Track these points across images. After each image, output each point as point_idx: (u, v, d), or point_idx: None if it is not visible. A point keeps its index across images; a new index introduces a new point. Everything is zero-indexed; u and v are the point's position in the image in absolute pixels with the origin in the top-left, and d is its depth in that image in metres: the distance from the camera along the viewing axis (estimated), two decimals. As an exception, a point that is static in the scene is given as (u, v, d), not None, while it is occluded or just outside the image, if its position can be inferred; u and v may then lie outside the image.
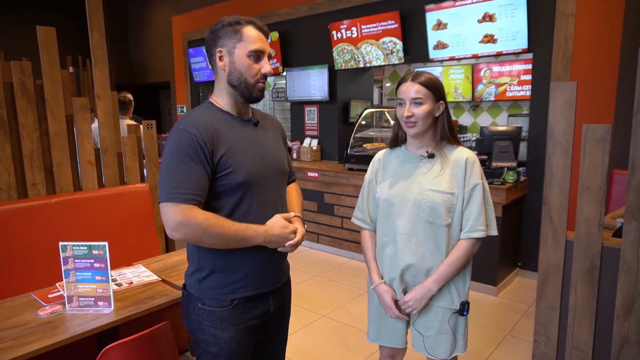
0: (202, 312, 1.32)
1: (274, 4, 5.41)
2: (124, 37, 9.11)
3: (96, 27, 2.60)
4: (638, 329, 1.66)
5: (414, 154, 1.56)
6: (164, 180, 1.22)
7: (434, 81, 1.49)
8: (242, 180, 1.28)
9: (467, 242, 1.51)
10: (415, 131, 1.49)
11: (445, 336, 1.54)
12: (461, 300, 1.55)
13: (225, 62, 1.31)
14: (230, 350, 1.33)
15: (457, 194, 1.48)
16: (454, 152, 1.53)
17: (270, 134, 1.45)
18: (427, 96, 1.46)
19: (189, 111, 1.33)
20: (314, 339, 2.83)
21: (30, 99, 2.37)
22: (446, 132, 1.52)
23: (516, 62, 5.20)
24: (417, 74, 1.48)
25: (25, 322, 1.58)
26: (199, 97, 7.03)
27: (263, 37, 1.32)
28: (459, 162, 1.50)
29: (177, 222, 1.18)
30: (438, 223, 1.48)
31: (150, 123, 2.95)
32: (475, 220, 1.48)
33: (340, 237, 4.47)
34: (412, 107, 1.46)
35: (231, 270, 1.32)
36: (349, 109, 5.10)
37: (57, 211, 2.32)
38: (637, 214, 1.63)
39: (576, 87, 1.71)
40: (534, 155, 3.72)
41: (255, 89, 1.32)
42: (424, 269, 1.52)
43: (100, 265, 1.66)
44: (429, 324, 1.56)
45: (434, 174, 1.50)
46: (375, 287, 1.61)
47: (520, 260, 3.86)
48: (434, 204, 1.47)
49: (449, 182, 1.48)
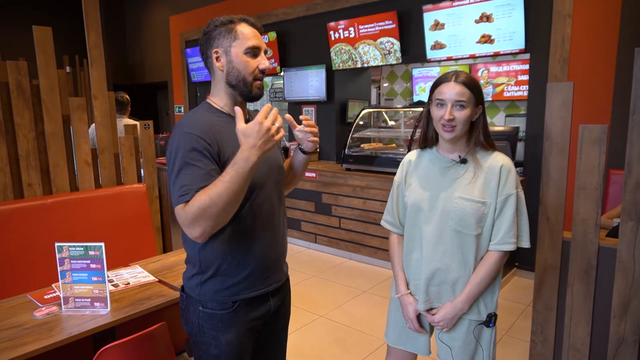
0: (203, 314, 1.31)
1: (272, 4, 5.41)
2: (121, 37, 9.09)
3: (93, 27, 2.59)
4: (634, 329, 1.67)
5: (445, 157, 1.48)
6: (174, 185, 1.19)
7: (477, 83, 1.40)
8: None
9: (496, 255, 1.43)
10: (452, 136, 1.39)
11: (469, 347, 1.49)
12: (488, 312, 1.49)
13: (223, 62, 1.30)
14: (231, 351, 1.33)
15: (490, 203, 1.40)
16: (488, 158, 1.44)
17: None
18: (469, 99, 1.37)
19: (188, 113, 1.31)
20: (312, 340, 2.82)
21: (26, 99, 2.36)
22: (481, 137, 1.43)
23: (513, 62, 5.21)
24: (458, 74, 1.39)
25: (21, 323, 1.58)
26: (197, 97, 7.02)
27: (257, 33, 1.31)
28: (494, 169, 1.41)
29: (189, 220, 1.14)
30: (467, 233, 1.41)
31: (147, 123, 2.95)
32: (507, 233, 1.40)
33: (337, 237, 4.47)
34: (455, 110, 1.37)
35: (234, 272, 1.31)
36: (347, 109, 5.10)
37: (54, 212, 2.32)
38: (634, 214, 1.64)
39: (572, 88, 1.71)
40: (531, 155, 3.72)
41: (254, 86, 1.30)
42: (449, 280, 1.45)
43: (97, 266, 1.65)
44: (454, 335, 1.50)
45: (465, 180, 1.42)
46: (401, 297, 1.56)
47: (518, 260, 3.87)
48: (463, 213, 1.39)
49: (481, 191, 1.40)
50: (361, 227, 4.21)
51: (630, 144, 1.63)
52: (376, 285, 3.70)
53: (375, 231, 4.10)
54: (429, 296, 1.49)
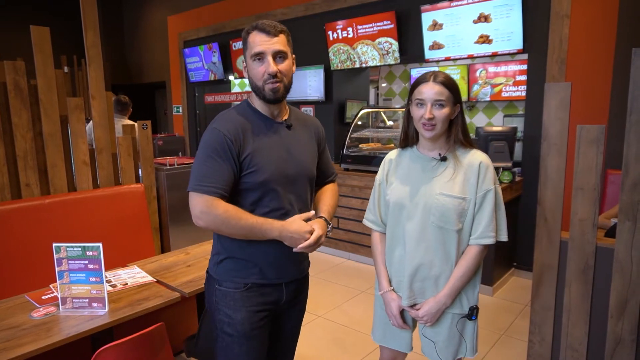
0: (219, 293, 1.41)
1: (270, 4, 5.40)
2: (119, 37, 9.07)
3: (91, 26, 2.58)
4: (632, 329, 1.67)
5: (425, 156, 1.52)
6: (193, 173, 1.33)
7: (454, 82, 1.45)
8: (262, 180, 1.35)
9: (476, 249, 1.47)
10: (433, 134, 1.44)
11: (453, 340, 1.53)
12: (470, 305, 1.52)
13: (246, 71, 1.41)
14: (243, 331, 1.39)
15: (470, 198, 1.45)
16: (467, 155, 1.49)
17: (302, 136, 1.49)
18: (448, 98, 1.42)
19: (226, 110, 1.43)
20: (310, 340, 2.82)
21: (24, 99, 2.36)
22: (460, 135, 1.48)
23: (511, 62, 5.22)
24: (437, 74, 1.43)
25: (19, 324, 1.57)
26: (195, 97, 7.01)
27: (266, 37, 1.33)
28: (472, 166, 1.46)
29: (200, 210, 1.29)
30: (448, 228, 1.45)
31: (145, 123, 2.94)
32: (486, 227, 1.45)
33: (336, 237, 4.47)
34: (434, 110, 1.41)
35: (246, 260, 1.39)
36: (345, 109, 5.10)
37: (51, 212, 2.31)
38: (631, 214, 1.64)
39: (570, 88, 1.72)
40: (529, 156, 3.73)
41: (265, 90, 1.36)
42: (433, 275, 1.49)
43: (95, 266, 1.65)
44: (438, 329, 1.54)
45: (446, 177, 1.46)
46: (384, 294, 1.60)
47: (516, 260, 3.87)
48: (444, 208, 1.44)
49: (461, 187, 1.45)
50: (360, 227, 4.21)
51: (627, 145, 1.63)
52: (375, 285, 3.69)
53: (373, 231, 4.10)
54: (413, 292, 1.53)
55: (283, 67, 1.36)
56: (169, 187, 3.20)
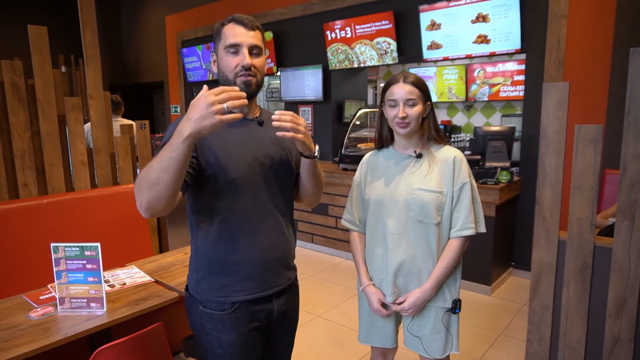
0: (204, 314, 1.32)
1: (268, 3, 5.40)
2: (117, 37, 9.06)
3: (88, 26, 2.58)
4: (630, 328, 1.67)
5: (402, 154, 1.58)
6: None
7: (423, 82, 1.52)
8: (233, 178, 1.26)
9: (458, 241, 1.53)
10: (407, 131, 1.50)
11: (439, 335, 1.56)
12: (453, 298, 1.56)
13: (216, 64, 1.34)
14: (234, 352, 1.32)
15: (446, 192, 1.50)
16: (441, 151, 1.55)
17: (273, 134, 1.39)
18: (419, 97, 1.48)
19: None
20: (309, 340, 2.82)
21: (21, 99, 2.35)
22: (432, 132, 1.54)
23: (509, 62, 5.23)
24: (406, 75, 1.50)
25: (17, 324, 1.57)
26: (193, 97, 6.99)
27: (243, 30, 1.28)
28: (447, 160, 1.52)
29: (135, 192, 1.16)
30: (428, 222, 1.50)
31: (143, 123, 2.94)
32: (465, 219, 1.50)
33: (334, 237, 4.47)
34: (406, 108, 1.47)
35: (227, 272, 1.29)
36: (343, 109, 5.10)
37: (49, 212, 2.30)
38: (629, 214, 1.64)
39: (568, 88, 1.72)
40: (527, 155, 3.74)
41: (237, 83, 1.27)
42: (415, 269, 1.53)
43: (93, 266, 1.64)
44: (422, 323, 1.58)
45: (422, 173, 1.52)
46: (364, 289, 1.63)
47: (514, 259, 3.88)
48: (423, 202, 1.48)
49: (438, 181, 1.50)
50: (358, 227, 4.21)
51: (625, 144, 1.63)
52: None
53: (372, 231, 4.10)
54: (397, 287, 1.56)
55: (258, 62, 1.29)
56: (167, 187, 3.18)
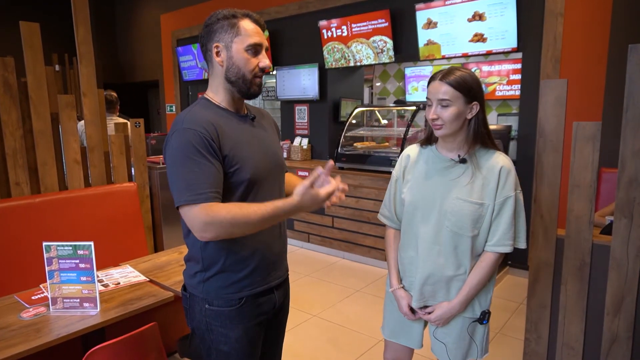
0: (210, 312, 1.30)
1: (264, 2, 5.38)
2: (112, 36, 9.00)
3: (82, 23, 2.55)
4: (627, 326, 1.67)
5: (444, 156, 1.46)
6: (178, 183, 1.16)
7: (466, 81, 1.36)
8: (249, 176, 1.25)
9: (492, 256, 1.43)
10: (442, 133, 1.40)
11: (463, 342, 1.51)
12: (482, 310, 1.50)
13: (223, 57, 1.27)
14: (241, 347, 1.33)
15: (487, 204, 1.39)
16: (488, 158, 1.42)
17: (266, 129, 1.43)
18: (455, 97, 1.35)
19: (185, 110, 1.27)
20: (305, 339, 2.81)
21: (13, 96, 2.32)
22: (480, 135, 1.41)
23: (505, 61, 5.23)
24: (447, 72, 1.37)
25: (8, 325, 1.54)
26: (188, 95, 6.96)
27: (260, 30, 1.29)
28: (493, 170, 1.40)
29: (202, 222, 1.13)
30: (463, 234, 1.41)
31: (137, 121, 2.91)
32: (504, 234, 1.40)
33: (331, 236, 4.46)
34: (439, 109, 1.37)
35: (237, 268, 1.31)
36: (340, 108, 5.08)
37: (42, 211, 2.28)
38: (627, 212, 1.64)
39: (566, 85, 1.71)
40: (523, 154, 3.74)
41: (253, 84, 1.28)
42: (444, 278, 1.46)
43: (86, 265, 1.62)
44: (448, 331, 1.53)
45: (464, 181, 1.40)
46: (394, 291, 1.58)
47: (510, 258, 3.88)
48: (461, 214, 1.39)
49: (480, 192, 1.39)
50: (354, 226, 4.20)
51: (623, 141, 1.63)
52: (369, 284, 3.69)
53: (368, 230, 4.09)
54: (424, 295, 1.51)
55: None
56: (161, 186, 3.16)
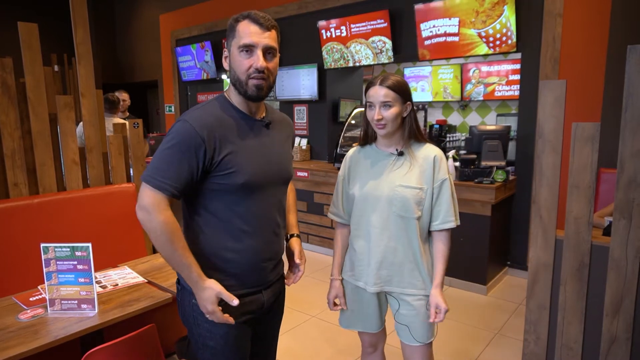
0: (197, 307, 1.30)
1: (263, 2, 5.37)
2: (110, 36, 8.99)
3: (80, 23, 2.54)
4: (627, 327, 1.67)
5: (384, 152, 1.64)
6: (154, 161, 1.23)
7: (401, 84, 1.55)
8: (243, 182, 1.26)
9: (443, 233, 1.62)
10: (384, 132, 1.56)
11: (426, 321, 1.62)
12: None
13: (228, 60, 1.32)
14: (226, 343, 1.34)
15: (426, 188, 1.58)
16: (421, 149, 1.61)
17: (279, 136, 1.43)
18: (395, 99, 1.52)
19: (202, 104, 1.31)
20: (304, 340, 2.80)
21: (11, 97, 2.31)
22: (413, 131, 1.60)
23: (504, 62, 5.23)
24: (384, 78, 1.54)
25: (6, 327, 1.54)
26: (187, 96, 6.96)
27: (259, 30, 1.26)
28: (428, 158, 1.59)
29: (146, 204, 1.20)
30: (409, 216, 1.57)
31: (136, 122, 2.91)
32: (446, 213, 1.59)
33: (330, 236, 4.45)
34: (382, 110, 1.52)
35: (223, 267, 1.31)
36: (339, 108, 5.08)
37: (40, 212, 2.27)
38: (626, 212, 1.64)
39: (565, 85, 1.71)
40: (523, 154, 3.74)
41: (248, 86, 1.27)
42: (397, 262, 1.60)
43: (84, 267, 1.61)
44: (415, 311, 1.63)
45: (403, 170, 1.58)
46: (332, 280, 1.73)
47: (510, 259, 3.87)
48: (404, 199, 1.55)
49: (418, 178, 1.57)
50: (353, 226, 4.19)
51: (622, 142, 1.63)
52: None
53: (367, 231, 4.08)
54: (380, 279, 1.63)
55: (272, 65, 1.29)
56: (160, 187, 3.15)
